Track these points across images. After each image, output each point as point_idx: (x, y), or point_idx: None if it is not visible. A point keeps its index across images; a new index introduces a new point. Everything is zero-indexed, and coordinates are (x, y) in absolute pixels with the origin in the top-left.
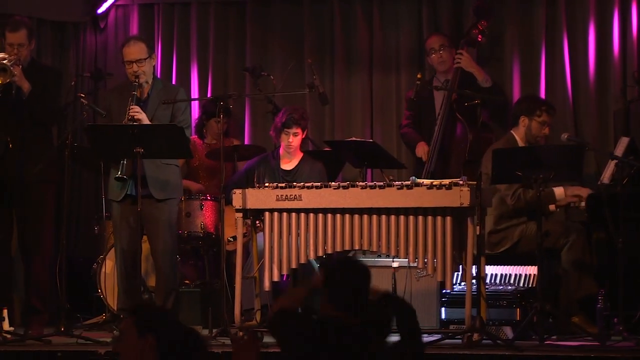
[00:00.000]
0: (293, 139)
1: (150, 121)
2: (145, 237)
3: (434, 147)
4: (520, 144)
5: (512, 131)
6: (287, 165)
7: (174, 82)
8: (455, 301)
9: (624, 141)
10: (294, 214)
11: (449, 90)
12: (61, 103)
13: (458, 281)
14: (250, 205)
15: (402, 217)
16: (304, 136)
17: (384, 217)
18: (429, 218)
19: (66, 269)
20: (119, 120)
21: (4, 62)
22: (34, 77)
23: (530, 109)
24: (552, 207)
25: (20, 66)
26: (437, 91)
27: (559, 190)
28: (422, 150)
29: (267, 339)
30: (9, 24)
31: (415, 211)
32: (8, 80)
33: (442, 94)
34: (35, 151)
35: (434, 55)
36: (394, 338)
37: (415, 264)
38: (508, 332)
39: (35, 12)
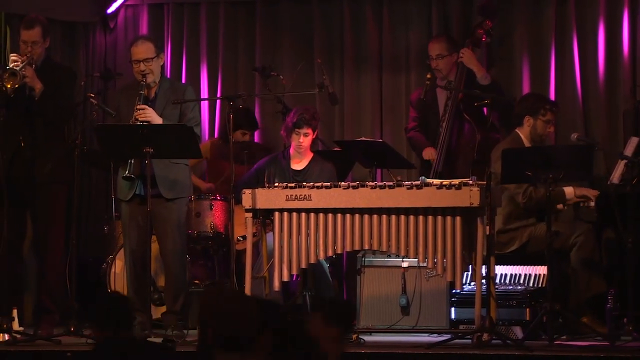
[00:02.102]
0: (304, 139)
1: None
2: (154, 237)
3: (441, 147)
4: (526, 143)
5: (517, 131)
6: (298, 165)
7: (183, 82)
8: (464, 301)
9: (633, 141)
10: (303, 214)
11: (456, 90)
12: (73, 102)
13: (468, 281)
14: (260, 205)
15: (411, 217)
16: (314, 136)
17: (393, 217)
18: (439, 218)
19: (76, 269)
20: (128, 120)
21: (15, 65)
22: (48, 76)
23: (534, 109)
24: (559, 206)
25: (33, 65)
26: (442, 92)
27: (568, 190)
28: (429, 153)
29: None
30: (24, 21)
31: (425, 211)
32: (17, 85)
33: (445, 93)
34: (47, 150)
35: (432, 62)
36: None
37: (425, 264)
38: (518, 332)
39: (45, 12)
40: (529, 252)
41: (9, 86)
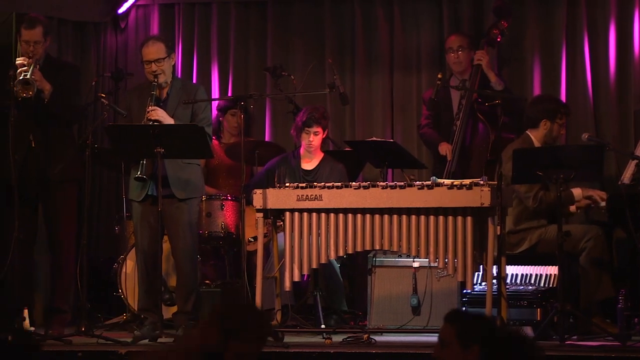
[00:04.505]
0: (314, 138)
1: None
2: (166, 237)
3: (455, 147)
4: (537, 144)
5: (528, 132)
6: (308, 165)
7: (194, 82)
8: (476, 301)
9: None
10: (314, 214)
11: (469, 90)
12: (81, 99)
13: (479, 281)
14: (271, 205)
15: (422, 217)
16: (324, 135)
17: (404, 217)
18: (450, 218)
19: (87, 269)
20: (139, 120)
21: (26, 74)
22: (52, 75)
23: (551, 113)
24: (572, 208)
25: (38, 66)
26: (456, 91)
27: (576, 191)
28: (445, 148)
29: (287, 339)
30: (25, 21)
31: (436, 211)
32: (31, 93)
33: (459, 93)
34: (58, 150)
35: (451, 55)
36: None
37: (435, 264)
38: (529, 332)
39: (56, 12)
40: (539, 253)
41: (24, 95)
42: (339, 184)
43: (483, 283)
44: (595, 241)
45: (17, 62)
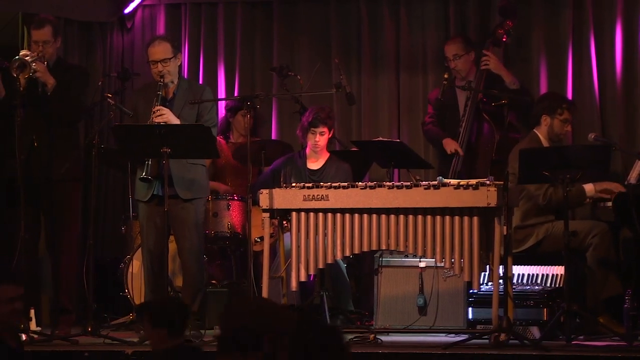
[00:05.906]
0: (319, 138)
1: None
2: (172, 237)
3: (461, 147)
4: (544, 142)
5: (535, 130)
6: (314, 164)
7: (201, 82)
8: (482, 301)
9: None
10: (321, 214)
11: (475, 91)
12: (88, 101)
13: (485, 281)
14: (277, 205)
15: (429, 217)
16: (330, 135)
17: (410, 217)
18: (456, 218)
19: (93, 269)
20: (145, 120)
21: (25, 58)
22: (61, 76)
23: (551, 108)
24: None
25: (45, 63)
26: (462, 91)
27: (588, 187)
28: (451, 145)
29: None
30: (34, 21)
31: (442, 211)
32: (27, 76)
33: (465, 93)
34: (60, 150)
35: (450, 62)
36: None
37: (442, 264)
38: (535, 332)
39: (62, 12)
40: (544, 250)
41: (15, 75)
42: (345, 184)
43: (489, 283)
44: (601, 237)
45: (21, 52)
